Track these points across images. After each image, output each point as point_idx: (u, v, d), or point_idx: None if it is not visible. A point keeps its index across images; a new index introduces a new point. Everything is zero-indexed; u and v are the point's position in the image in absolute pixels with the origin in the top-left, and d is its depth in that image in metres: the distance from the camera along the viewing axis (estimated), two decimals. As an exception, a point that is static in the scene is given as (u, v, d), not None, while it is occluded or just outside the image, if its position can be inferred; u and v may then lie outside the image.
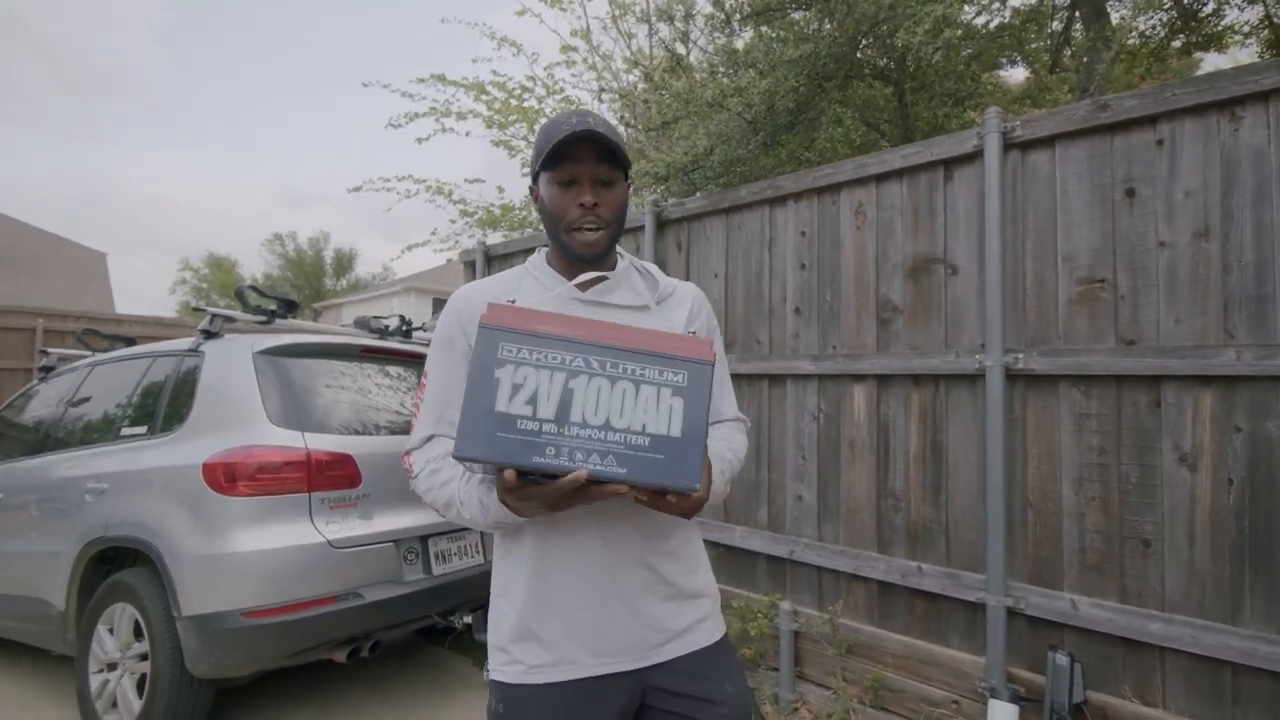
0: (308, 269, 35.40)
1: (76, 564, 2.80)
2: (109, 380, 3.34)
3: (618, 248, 1.26)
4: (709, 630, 1.17)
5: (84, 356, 3.81)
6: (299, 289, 33.34)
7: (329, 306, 28.08)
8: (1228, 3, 4.04)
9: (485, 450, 0.91)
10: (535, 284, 1.20)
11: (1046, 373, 2.26)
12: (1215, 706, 1.96)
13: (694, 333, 1.23)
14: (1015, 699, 2.19)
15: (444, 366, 1.17)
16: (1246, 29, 4.28)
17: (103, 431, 3.14)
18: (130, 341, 4.09)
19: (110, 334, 3.97)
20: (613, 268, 1.22)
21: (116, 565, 2.91)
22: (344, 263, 36.63)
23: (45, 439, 3.36)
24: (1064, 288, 2.26)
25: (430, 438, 1.15)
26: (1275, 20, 4.00)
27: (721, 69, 3.76)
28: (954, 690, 2.41)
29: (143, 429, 2.95)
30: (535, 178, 1.18)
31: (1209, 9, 4.11)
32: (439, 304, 23.98)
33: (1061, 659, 2.11)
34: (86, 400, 3.36)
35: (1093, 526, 2.18)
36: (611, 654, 1.08)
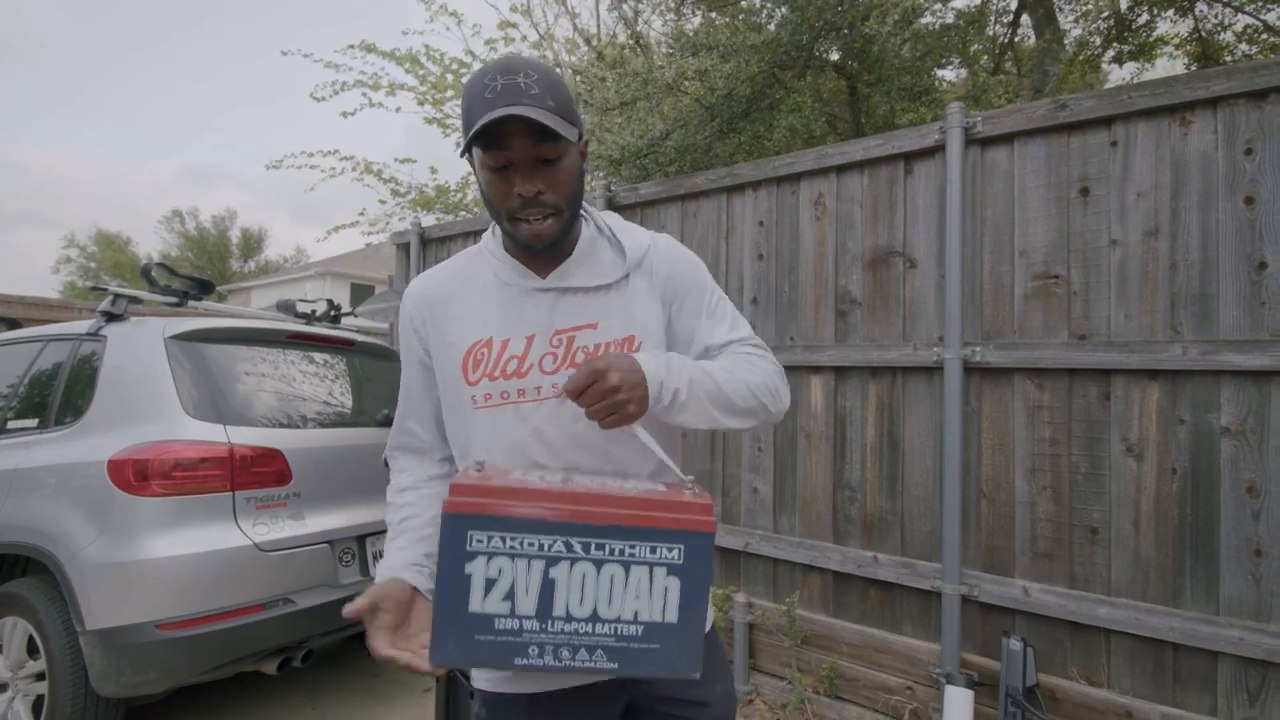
0: (211, 249, 33.17)
1: (-47, 575, 2.47)
2: (-10, 366, 2.96)
3: (586, 209, 1.10)
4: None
5: (-43, 339, 3.36)
6: (200, 270, 31.18)
7: (235, 290, 26.39)
8: (1159, 15, 4.30)
9: (463, 657, 0.81)
10: (493, 278, 1.06)
11: (1002, 366, 2.30)
12: (1157, 685, 2.05)
13: (670, 302, 1.07)
14: (970, 684, 2.23)
15: (407, 371, 1.13)
16: (1176, 40, 4.58)
17: (-17, 424, 2.77)
18: (13, 324, 3.66)
19: (-11, 314, 3.52)
20: (575, 241, 1.06)
21: (4, 575, 2.58)
22: (252, 244, 34.54)
23: (-89, 433, 2.95)
24: (1020, 283, 2.31)
25: (395, 464, 1.16)
26: (1203, 34, 4.29)
27: (674, 50, 3.68)
28: (909, 677, 2.45)
29: (33, 422, 2.62)
30: (468, 152, 0.98)
31: (1142, 20, 4.36)
32: (359, 290, 22.95)
33: (1015, 644, 2.17)
34: (-39, 389, 2.96)
35: (1044, 515, 2.24)
36: None
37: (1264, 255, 1.94)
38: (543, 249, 1.00)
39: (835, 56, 3.59)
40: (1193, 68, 4.66)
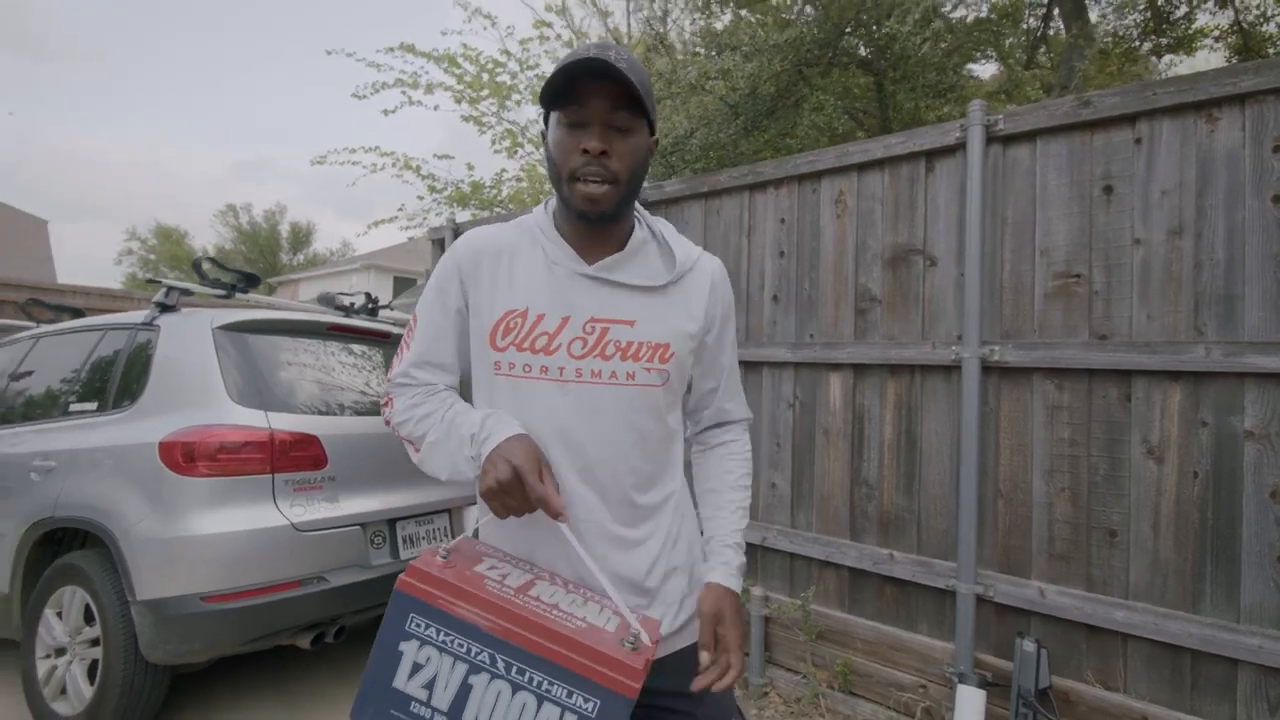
0: (262, 243, 34.30)
1: (22, 545, 2.67)
2: (56, 353, 3.17)
3: (638, 209, 1.12)
4: (693, 631, 1.12)
5: (28, 328, 3.61)
6: (253, 263, 32.27)
7: (285, 282, 27.28)
8: (1199, 7, 4.16)
9: None
10: (538, 252, 1.07)
11: (1021, 365, 2.29)
12: (1175, 691, 2.03)
13: (712, 324, 1.13)
14: (983, 684, 2.23)
15: (432, 312, 1.11)
16: (1216, 33, 4.42)
17: (49, 407, 2.98)
18: (78, 313, 3.89)
19: (56, 305, 3.77)
20: (628, 237, 1.08)
21: (64, 547, 2.78)
22: (301, 237, 35.60)
23: (-15, 414, 3.18)
24: (1040, 282, 2.29)
25: (408, 381, 1.12)
26: (1244, 25, 4.12)
27: (701, 50, 3.71)
28: (922, 675, 2.46)
29: (93, 405, 2.81)
30: (546, 119, 1.02)
31: (1181, 12, 4.22)
32: (401, 283, 23.50)
33: (1028, 645, 2.16)
34: (30, 374, 3.19)
35: (1061, 516, 2.23)
36: None
37: (1293, 255, 1.89)
38: (595, 219, 1.00)
39: (862, 53, 3.58)
40: (1233, 60, 4.49)
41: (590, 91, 0.95)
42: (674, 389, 1.09)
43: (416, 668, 0.85)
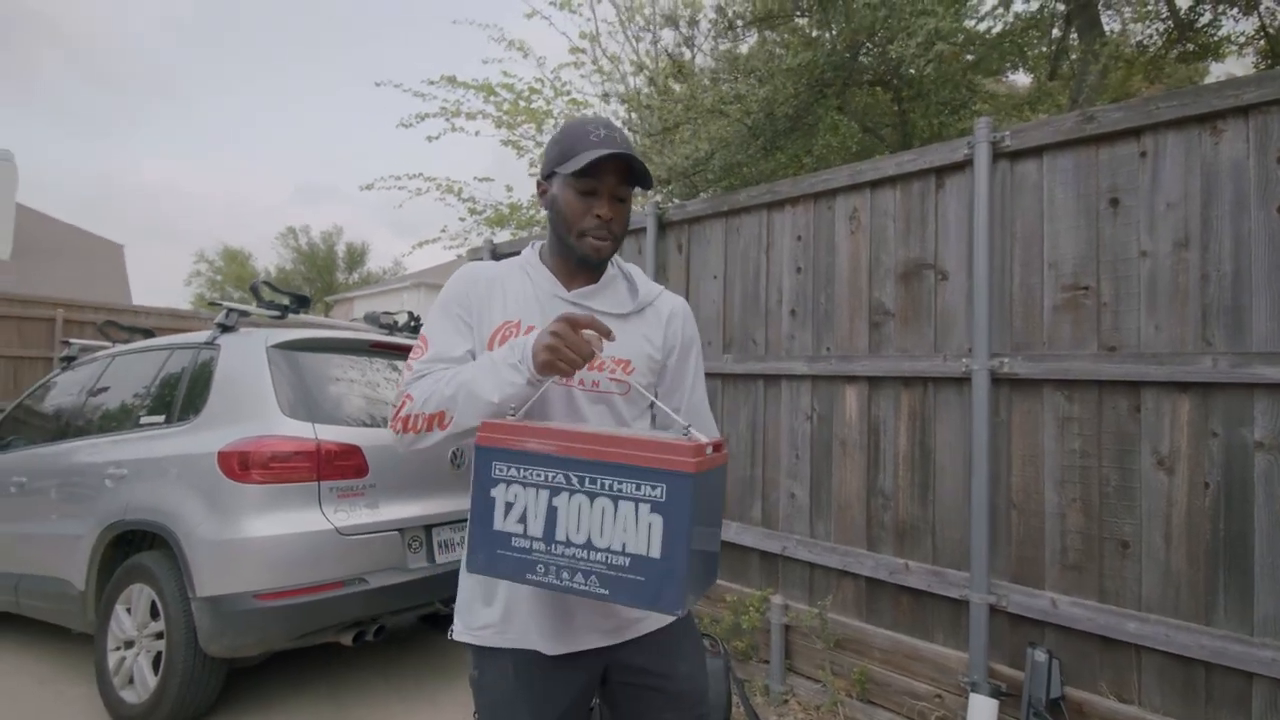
0: (320, 263, 35.71)
1: (96, 546, 2.92)
2: (128, 370, 3.46)
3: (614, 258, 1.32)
4: (656, 615, 1.19)
5: (105, 347, 3.94)
6: (311, 282, 33.65)
7: (340, 300, 28.33)
8: (1224, 13, 4.08)
9: (490, 568, 0.98)
10: (527, 280, 1.25)
11: (1031, 377, 2.32)
12: (1188, 704, 2.02)
13: (671, 350, 1.28)
14: (995, 694, 2.25)
15: (439, 326, 1.23)
16: (1242, 39, 4.32)
17: (122, 419, 3.26)
18: (149, 333, 4.22)
19: (129, 326, 4.10)
20: (602, 272, 1.28)
21: (134, 548, 3.03)
22: (355, 257, 36.94)
23: (67, 426, 3.49)
24: (1049, 294, 2.32)
25: (425, 372, 1.18)
26: (1270, 31, 4.03)
27: (724, 75, 3.83)
28: (937, 685, 2.48)
29: (160, 418, 3.06)
30: (549, 175, 1.22)
31: (1205, 19, 4.14)
32: (450, 299, 24.06)
33: (1040, 655, 2.18)
34: (106, 389, 3.49)
35: (1073, 527, 2.24)
36: (586, 630, 1.16)
37: (1301, 266, 1.89)
38: (595, 263, 1.23)
39: (880, 69, 3.63)
40: (1261, 66, 4.36)
41: (605, 169, 1.16)
42: (635, 399, 1.24)
43: (508, 506, 0.98)
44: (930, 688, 2.50)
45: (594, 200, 1.18)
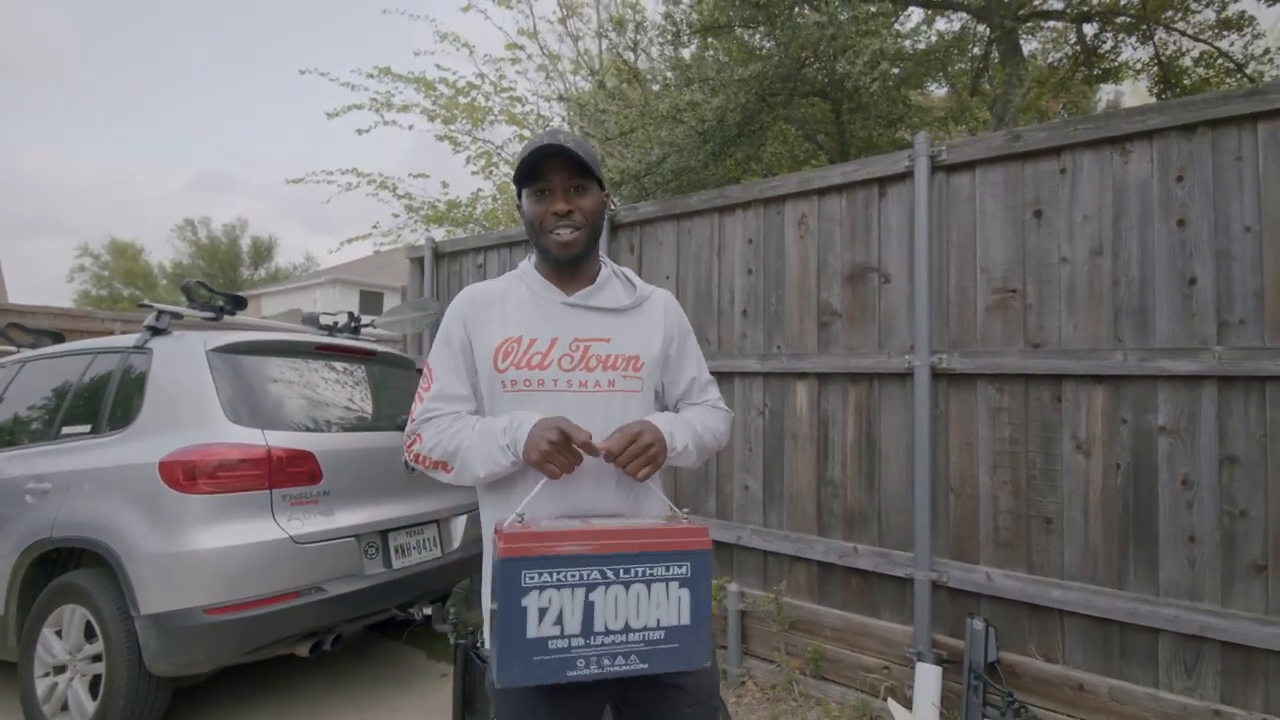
0: (222, 257, 33.64)
1: (17, 567, 2.73)
2: (42, 377, 3.22)
3: (602, 256, 1.40)
4: None
5: (8, 352, 3.64)
6: (212, 278, 31.60)
7: (247, 297, 26.76)
8: (1123, 41, 4.57)
9: (525, 676, 1.01)
10: (527, 292, 1.33)
11: (966, 372, 2.53)
12: (1106, 660, 2.27)
13: (671, 340, 1.38)
14: (939, 661, 2.46)
15: (441, 358, 1.34)
16: (1139, 65, 4.84)
17: (40, 431, 3.03)
18: (58, 336, 3.93)
19: (36, 329, 3.80)
20: (596, 274, 1.35)
21: (59, 568, 2.84)
22: (262, 252, 35.02)
23: (-30, 439, 3.21)
24: (981, 296, 2.54)
25: (432, 414, 1.29)
26: (1163, 59, 4.54)
27: (670, 78, 3.93)
28: (885, 657, 2.68)
29: (86, 428, 2.88)
30: (519, 194, 1.32)
31: (1108, 46, 4.61)
32: (368, 297, 23.27)
33: (978, 625, 2.39)
34: (18, 399, 3.23)
35: (1004, 507, 2.47)
36: None
37: (1194, 272, 2.17)
38: (568, 260, 1.27)
39: (821, 83, 3.84)
40: (1155, 90, 4.92)
41: (551, 168, 1.24)
42: (645, 393, 1.32)
43: (543, 612, 1.02)
44: (879, 660, 2.69)
45: (549, 198, 1.26)
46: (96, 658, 2.55)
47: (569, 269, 1.31)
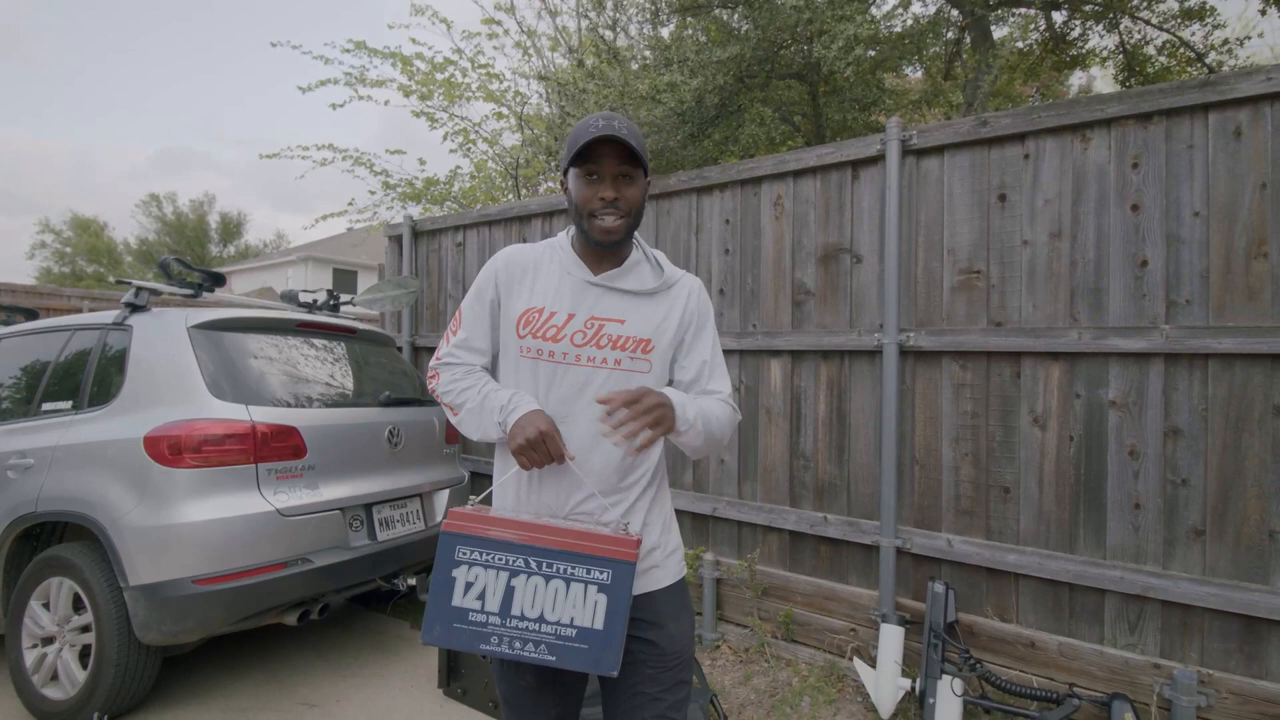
0: (189, 234, 32.79)
1: (1, 542, 2.74)
2: (18, 355, 3.21)
3: (636, 237, 1.44)
4: (657, 577, 1.37)
5: (-20, 329, 3.59)
6: (178, 254, 30.88)
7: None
8: (1090, 29, 4.68)
9: (445, 639, 1.12)
10: (558, 265, 1.38)
11: (932, 349, 2.65)
12: (1057, 619, 2.43)
13: (689, 325, 1.41)
14: (902, 623, 2.60)
15: (473, 310, 1.43)
16: (1105, 53, 4.96)
17: (18, 408, 3.03)
18: (31, 314, 3.89)
19: (10, 306, 3.76)
20: (625, 256, 1.39)
21: (42, 542, 2.86)
22: (231, 229, 34.20)
23: (-53, 416, 3.19)
24: (948, 277, 2.64)
25: (452, 360, 1.43)
26: (1128, 48, 4.66)
27: (649, 57, 3.95)
28: (852, 620, 2.82)
29: (67, 404, 2.88)
30: (566, 171, 1.35)
31: (1076, 33, 4.73)
32: (341, 274, 22.96)
33: (939, 588, 2.53)
34: (-6, 375, 3.21)
35: (965, 477, 2.60)
36: None
37: (1146, 254, 2.29)
38: (608, 245, 1.32)
39: (798, 66, 3.89)
40: (1120, 78, 5.05)
41: (603, 153, 1.28)
42: (657, 375, 1.37)
43: (468, 586, 1.13)
44: (846, 623, 2.83)
45: (598, 183, 1.29)
46: (85, 628, 2.59)
47: (600, 251, 1.36)
